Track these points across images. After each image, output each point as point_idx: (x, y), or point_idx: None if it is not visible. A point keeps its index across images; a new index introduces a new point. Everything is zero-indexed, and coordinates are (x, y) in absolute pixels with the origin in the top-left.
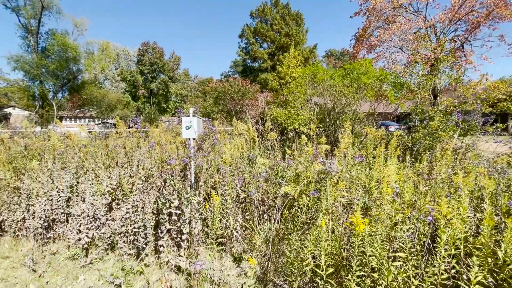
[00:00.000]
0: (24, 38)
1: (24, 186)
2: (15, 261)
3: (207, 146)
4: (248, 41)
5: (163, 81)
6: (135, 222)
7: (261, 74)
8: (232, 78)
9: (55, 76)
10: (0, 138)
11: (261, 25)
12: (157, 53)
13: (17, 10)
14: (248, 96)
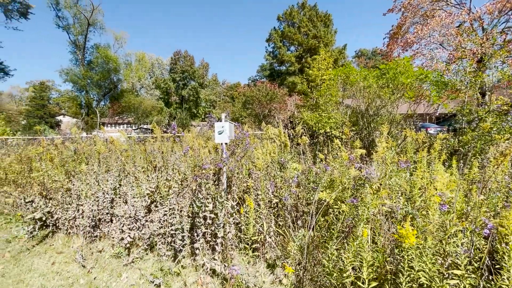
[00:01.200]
0: (73, 53)
1: (75, 187)
2: (67, 257)
3: (239, 150)
4: (275, 45)
5: (194, 87)
6: (172, 224)
7: (288, 77)
8: (260, 82)
9: (99, 86)
10: (54, 143)
11: (288, 28)
12: (188, 61)
13: (67, 29)
14: (276, 100)
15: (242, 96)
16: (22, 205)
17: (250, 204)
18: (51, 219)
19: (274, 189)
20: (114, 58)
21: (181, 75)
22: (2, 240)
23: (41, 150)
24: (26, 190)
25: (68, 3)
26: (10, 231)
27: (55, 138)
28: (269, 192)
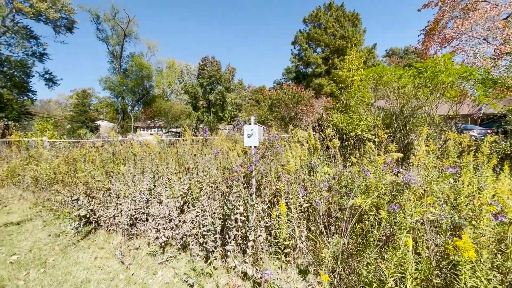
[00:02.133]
0: (111, 62)
1: (114, 187)
2: (108, 252)
3: (269, 154)
4: (301, 47)
5: (220, 91)
6: (204, 225)
7: (314, 79)
8: (286, 85)
9: (133, 92)
10: (95, 146)
11: (314, 30)
12: (214, 66)
13: (106, 40)
14: (302, 102)
15: (268, 99)
16: (69, 203)
17: (283, 208)
18: (93, 217)
19: (304, 193)
20: (147, 66)
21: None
22: (52, 234)
23: (84, 152)
24: (72, 189)
25: (107, 16)
26: (58, 226)
27: (96, 141)
28: (299, 196)
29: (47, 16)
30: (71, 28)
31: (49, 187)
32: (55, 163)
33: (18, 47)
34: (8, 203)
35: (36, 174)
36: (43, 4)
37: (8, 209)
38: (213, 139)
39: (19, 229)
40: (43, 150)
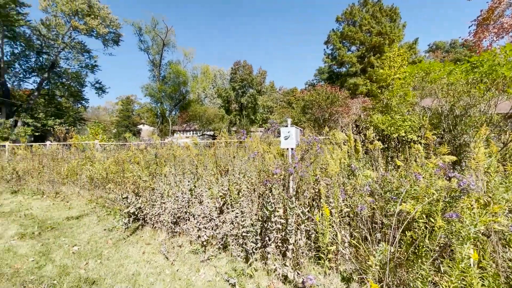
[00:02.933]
0: (151, 70)
1: (158, 187)
2: (154, 248)
3: (308, 156)
4: (334, 46)
5: (252, 94)
6: (243, 226)
7: (349, 79)
8: (320, 86)
9: (171, 98)
10: (139, 148)
11: (348, 28)
12: (246, 70)
13: (147, 50)
14: (337, 103)
15: (301, 100)
16: (119, 200)
17: (326, 212)
18: (141, 214)
19: (345, 197)
20: (183, 72)
21: (240, 84)
22: (105, 229)
23: (130, 154)
24: (122, 188)
25: (148, 28)
26: (111, 222)
27: (140, 144)
28: (340, 200)
29: (97, 32)
30: (117, 41)
31: (102, 185)
32: (107, 164)
33: (74, 61)
34: (68, 199)
35: (91, 173)
36: (95, 21)
37: (69, 204)
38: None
39: (78, 223)
40: (96, 152)
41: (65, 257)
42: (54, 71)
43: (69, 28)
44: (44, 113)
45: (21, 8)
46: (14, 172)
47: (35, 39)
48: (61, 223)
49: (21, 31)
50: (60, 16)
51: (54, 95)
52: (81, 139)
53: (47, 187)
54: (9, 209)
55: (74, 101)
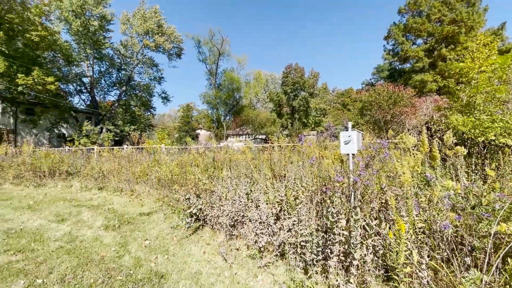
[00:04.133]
0: (208, 79)
1: (217, 190)
2: (213, 249)
3: (375, 162)
4: (395, 41)
5: (304, 97)
6: (302, 235)
7: (414, 75)
8: (380, 85)
9: (225, 104)
10: (199, 152)
11: (413, 19)
12: (298, 72)
13: (205, 61)
14: (401, 103)
15: (358, 102)
16: (182, 201)
17: (402, 228)
18: (201, 215)
19: (418, 211)
20: (236, 79)
21: (292, 87)
22: (171, 226)
23: (191, 157)
24: (185, 189)
25: (206, 40)
26: (175, 220)
27: (199, 148)
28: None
29: (164, 48)
30: (179, 55)
31: (167, 186)
32: (172, 166)
33: (145, 74)
34: (141, 197)
35: (158, 175)
36: (162, 38)
37: (141, 202)
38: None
39: (148, 219)
40: (162, 155)
41: (139, 250)
42: (129, 84)
43: (142, 46)
44: (122, 120)
45: (106, 33)
46: (100, 172)
47: (116, 58)
48: (135, 218)
49: (106, 52)
50: (134, 37)
51: (129, 105)
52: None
53: (124, 185)
54: (97, 203)
55: (144, 110)
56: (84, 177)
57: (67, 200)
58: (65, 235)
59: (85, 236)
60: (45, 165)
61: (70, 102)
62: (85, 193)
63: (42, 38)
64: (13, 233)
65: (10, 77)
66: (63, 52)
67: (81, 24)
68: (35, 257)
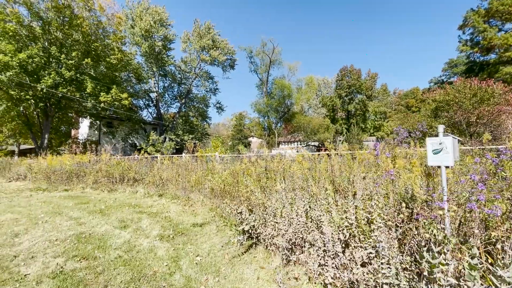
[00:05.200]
0: (259, 88)
1: (271, 205)
2: (268, 274)
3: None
4: (475, 29)
5: (361, 100)
6: (385, 275)
7: (503, 67)
8: (460, 80)
9: (276, 111)
10: (251, 160)
11: (498, 1)
12: (354, 74)
13: (256, 70)
14: (491, 100)
15: (431, 101)
16: (234, 214)
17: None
18: (254, 232)
19: None
20: (287, 86)
21: (347, 90)
22: (223, 242)
23: (243, 166)
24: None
25: (258, 51)
26: (227, 234)
27: (251, 156)
28: None
29: (218, 61)
30: (233, 66)
31: (220, 196)
32: (224, 175)
33: (202, 87)
34: (195, 206)
35: (211, 185)
36: (216, 52)
37: (195, 211)
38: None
39: (202, 231)
40: (215, 163)
41: (190, 267)
42: (188, 96)
43: (199, 62)
44: (181, 130)
45: (168, 52)
46: (160, 179)
47: (177, 74)
48: (188, 229)
49: (169, 69)
50: (193, 53)
51: (188, 115)
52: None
53: (181, 193)
54: (156, 210)
55: (201, 120)
56: (147, 184)
57: (131, 206)
58: (125, 243)
59: (141, 246)
60: (117, 172)
61: (140, 115)
62: (147, 199)
63: (119, 60)
64: (83, 237)
65: (95, 96)
66: (135, 71)
67: (148, 46)
68: (96, 266)
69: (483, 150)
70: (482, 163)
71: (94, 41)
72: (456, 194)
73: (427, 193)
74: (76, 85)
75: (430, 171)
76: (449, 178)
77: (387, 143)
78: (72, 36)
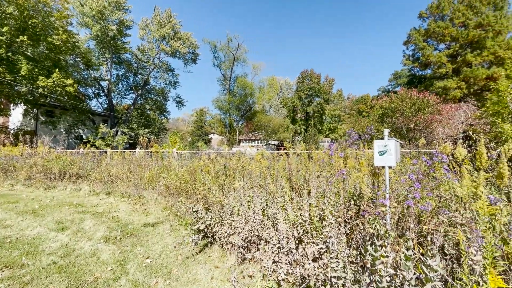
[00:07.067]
0: (221, 84)
1: (228, 203)
2: (223, 274)
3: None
4: (416, 46)
5: (319, 103)
6: (333, 269)
7: (436, 82)
8: (403, 91)
9: (238, 109)
10: (210, 158)
11: (435, 23)
12: (314, 78)
13: (219, 65)
14: (426, 110)
15: (379, 108)
16: (190, 213)
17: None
18: (210, 231)
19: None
20: (249, 85)
21: (307, 93)
22: (176, 242)
23: (202, 163)
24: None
25: (223, 46)
26: (181, 234)
27: (210, 153)
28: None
29: (180, 52)
30: (195, 60)
31: (176, 194)
32: (181, 172)
33: (161, 79)
34: (148, 205)
35: (166, 182)
36: (177, 43)
37: (148, 210)
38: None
39: (153, 231)
40: (172, 159)
41: (138, 271)
42: (145, 88)
43: (158, 52)
44: (136, 124)
45: (124, 38)
46: (109, 176)
47: (133, 63)
48: (139, 229)
49: (124, 57)
50: (152, 42)
51: (144, 108)
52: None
53: (132, 191)
54: (102, 210)
55: (159, 114)
56: (93, 181)
57: (72, 205)
58: (62, 247)
59: (82, 249)
60: (56, 167)
61: (88, 105)
62: (93, 197)
63: (63, 42)
64: (8, 242)
65: (32, 80)
66: (83, 56)
67: (101, 29)
68: (22, 275)
69: (418, 153)
70: (418, 164)
71: (33, 16)
72: (396, 192)
73: (373, 191)
74: (8, 66)
75: (376, 171)
76: (391, 177)
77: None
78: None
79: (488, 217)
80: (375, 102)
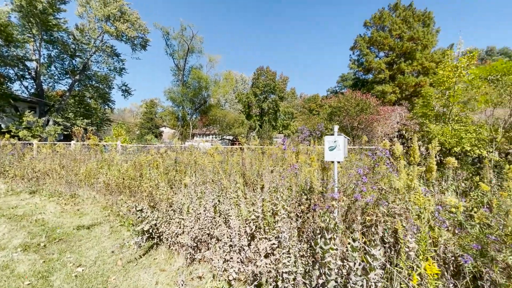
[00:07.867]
0: (175, 75)
1: (177, 200)
2: (169, 277)
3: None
4: (361, 52)
5: (274, 100)
6: (285, 264)
7: (376, 86)
8: (349, 92)
9: (192, 102)
10: (160, 152)
11: (377, 33)
12: (270, 75)
13: (173, 55)
14: (368, 110)
15: (327, 107)
16: (133, 212)
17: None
18: (156, 231)
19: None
20: (204, 78)
21: (262, 89)
22: (116, 245)
23: (150, 158)
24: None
25: (176, 34)
26: (123, 236)
27: (160, 147)
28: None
29: (127, 36)
30: (145, 46)
31: (118, 191)
32: (124, 168)
33: (104, 64)
34: (84, 204)
35: (107, 179)
36: (124, 25)
37: (83, 210)
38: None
39: (89, 234)
40: (116, 154)
41: (66, 282)
42: (85, 73)
43: (101, 33)
44: (73, 113)
45: (58, 14)
46: (33, 172)
47: (70, 43)
48: (70, 233)
49: (58, 35)
50: (94, 21)
51: (84, 96)
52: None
53: (65, 189)
54: (22, 212)
55: (102, 103)
56: (12, 178)
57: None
58: None
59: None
60: None
61: (9, 88)
62: (11, 197)
63: None
64: None
65: None
66: (1, 29)
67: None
68: None
69: (361, 150)
70: (363, 159)
71: None
72: (345, 186)
73: (323, 185)
74: None
75: (325, 166)
76: (339, 171)
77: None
78: None
79: (418, 207)
80: (324, 102)
